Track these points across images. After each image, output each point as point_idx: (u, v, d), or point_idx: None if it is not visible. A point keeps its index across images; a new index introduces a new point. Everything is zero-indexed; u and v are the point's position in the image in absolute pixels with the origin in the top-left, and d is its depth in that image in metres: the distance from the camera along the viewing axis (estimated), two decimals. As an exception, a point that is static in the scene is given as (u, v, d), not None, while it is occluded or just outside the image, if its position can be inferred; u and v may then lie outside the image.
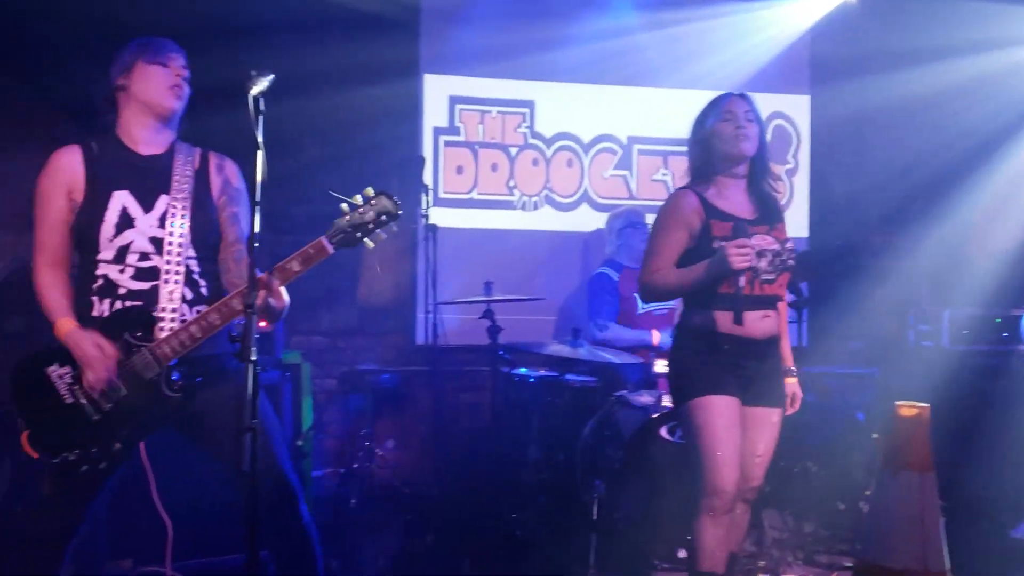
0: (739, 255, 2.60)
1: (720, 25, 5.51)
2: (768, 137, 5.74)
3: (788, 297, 3.62)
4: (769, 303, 2.83)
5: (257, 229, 2.09)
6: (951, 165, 5.91)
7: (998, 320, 4.71)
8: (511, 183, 5.38)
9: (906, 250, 5.64)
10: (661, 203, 2.97)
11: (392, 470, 4.75)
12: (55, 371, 2.36)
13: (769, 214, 2.91)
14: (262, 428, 2.15)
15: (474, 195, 5.32)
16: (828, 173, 5.84)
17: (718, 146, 2.88)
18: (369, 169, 5.12)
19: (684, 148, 3.05)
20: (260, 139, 2.08)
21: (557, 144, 5.44)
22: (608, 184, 5.52)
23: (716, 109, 2.93)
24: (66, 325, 2.35)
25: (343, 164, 5.04)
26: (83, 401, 2.34)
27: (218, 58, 4.73)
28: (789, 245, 2.84)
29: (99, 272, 2.42)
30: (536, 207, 5.43)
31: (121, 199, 2.43)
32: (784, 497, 4.03)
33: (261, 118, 2.09)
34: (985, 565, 3.84)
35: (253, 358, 2.00)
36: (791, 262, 2.80)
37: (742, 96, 2.94)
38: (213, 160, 2.60)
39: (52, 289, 2.41)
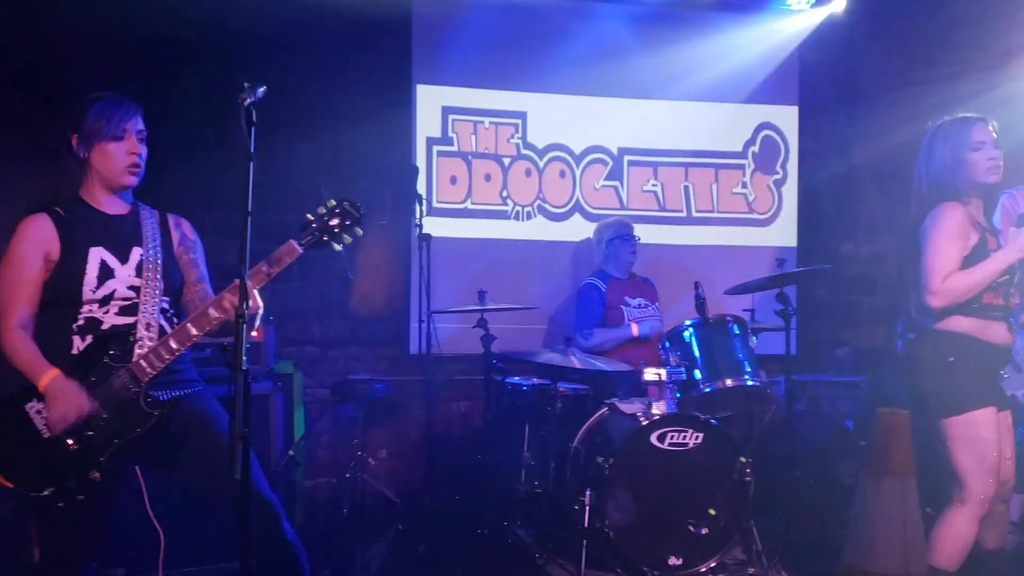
0: None
1: (710, 38, 5.58)
2: (757, 148, 5.87)
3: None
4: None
5: (248, 238, 2.12)
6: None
7: None
8: (504, 193, 5.41)
9: (894, 259, 5.68)
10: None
11: (384, 479, 4.76)
12: (33, 407, 2.43)
13: None
14: (214, 453, 2.32)
15: (468, 205, 5.36)
16: (816, 183, 5.89)
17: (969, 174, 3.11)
18: (362, 178, 5.16)
19: (674, 160, 3.14)
20: (252, 149, 2.10)
21: (549, 155, 5.48)
22: (600, 195, 5.56)
23: (965, 135, 3.12)
24: (51, 374, 2.40)
25: (336, 173, 5.08)
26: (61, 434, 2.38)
27: (211, 69, 4.82)
28: None
29: (82, 313, 2.52)
30: (529, 217, 5.46)
31: (98, 254, 2.55)
32: (774, 505, 4.05)
33: (253, 129, 2.11)
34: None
35: (244, 368, 2.03)
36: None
37: (985, 121, 3.13)
38: (171, 218, 2.77)
39: (25, 350, 2.44)
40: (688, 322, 4.19)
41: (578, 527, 3.66)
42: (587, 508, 3.64)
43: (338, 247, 2.46)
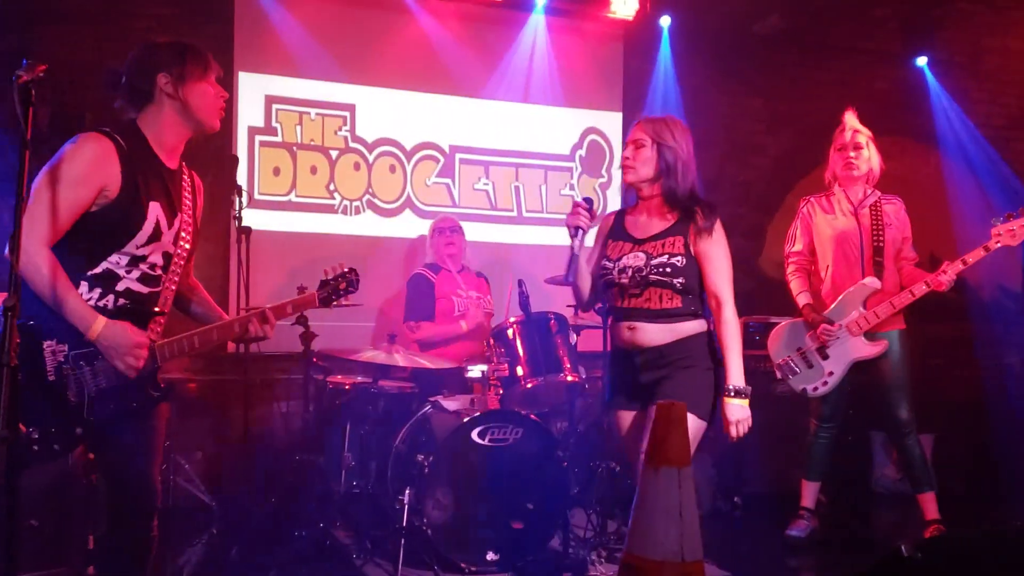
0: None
1: (539, 41, 5.68)
2: (584, 151, 6.02)
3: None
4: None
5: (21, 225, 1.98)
6: (754, 182, 6.37)
7: (750, 327, 5.10)
8: (331, 186, 5.31)
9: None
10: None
11: (199, 482, 4.58)
12: (51, 346, 2.31)
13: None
14: (152, 442, 2.48)
15: (292, 197, 5.21)
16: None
17: None
18: (179, 168, 4.92)
19: (505, 159, 3.16)
20: (28, 134, 1.95)
21: (379, 149, 5.42)
22: (431, 191, 5.55)
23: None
24: (100, 322, 2.30)
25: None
26: (68, 381, 2.31)
27: (11, 47, 4.47)
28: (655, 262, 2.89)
29: (104, 262, 2.37)
30: (358, 212, 5.38)
31: (156, 212, 2.42)
32: (589, 497, 4.17)
33: (32, 109, 1.96)
34: (759, 559, 4.22)
35: (14, 363, 1.95)
36: (652, 277, 2.89)
37: (645, 120, 3.05)
38: (197, 181, 2.68)
39: (68, 285, 2.28)
40: (512, 319, 4.24)
41: (396, 526, 3.64)
42: (406, 507, 3.62)
43: (329, 307, 2.79)
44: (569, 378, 4.14)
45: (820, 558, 4.28)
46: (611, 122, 6.01)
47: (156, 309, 2.46)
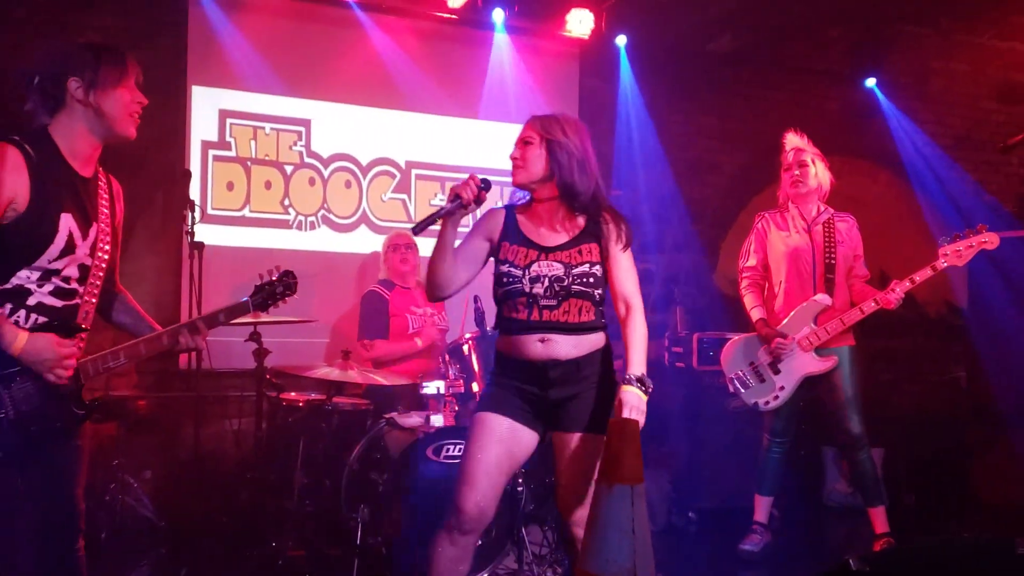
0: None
1: (495, 59, 5.70)
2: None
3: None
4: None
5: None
6: (709, 199, 6.45)
7: (704, 343, 5.16)
8: (286, 201, 5.26)
9: (662, 277, 6.05)
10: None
11: (148, 501, 4.48)
12: None
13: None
14: (77, 462, 2.40)
15: (246, 212, 5.16)
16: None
17: None
18: (131, 182, 4.81)
19: (462, 176, 2.91)
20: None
21: (335, 164, 5.39)
22: (387, 207, 5.53)
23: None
24: (22, 337, 2.22)
25: (101, 175, 4.74)
26: None
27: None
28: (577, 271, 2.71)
29: (14, 278, 2.27)
30: (313, 227, 5.33)
31: (68, 223, 2.30)
32: (544, 513, 4.16)
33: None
34: (713, 573, 4.27)
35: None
36: (575, 288, 2.70)
37: (535, 118, 2.87)
38: (115, 186, 2.55)
39: None
40: (467, 335, 4.23)
41: (351, 544, 3.59)
42: (360, 525, 3.58)
43: (265, 312, 2.63)
44: (525, 394, 4.12)
45: (773, 572, 4.32)
46: (568, 139, 6.03)
47: (76, 323, 2.36)
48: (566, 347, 2.69)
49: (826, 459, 5.53)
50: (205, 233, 4.55)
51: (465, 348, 4.20)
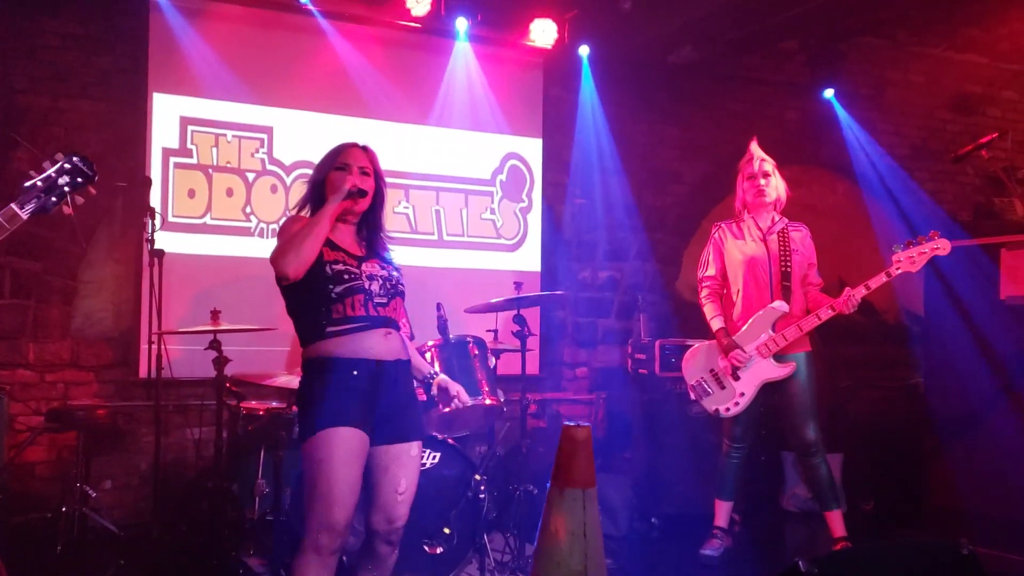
0: None
1: (459, 67, 5.72)
2: (504, 176, 6.08)
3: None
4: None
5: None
6: (671, 208, 6.51)
7: (666, 349, 5.22)
8: (248, 209, 5.23)
9: (625, 285, 6.11)
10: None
11: (107, 512, 4.43)
12: None
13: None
14: None
15: (207, 220, 5.12)
16: (559, 212, 6.20)
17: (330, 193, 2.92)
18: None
19: (425, 183, 3.08)
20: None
21: (297, 171, 5.37)
22: (350, 214, 5.51)
23: (333, 158, 3.03)
24: None
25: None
26: None
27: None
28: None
29: None
30: (275, 235, 5.29)
31: None
32: (507, 521, 4.18)
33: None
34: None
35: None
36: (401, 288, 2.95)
37: (364, 148, 3.07)
38: None
39: None
40: (430, 343, 4.23)
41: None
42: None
43: (69, 210, 2.11)
44: (488, 401, 4.14)
45: (733, 576, 4.37)
46: (531, 148, 6.08)
47: None
48: (400, 344, 2.92)
49: (786, 464, 5.60)
50: (166, 241, 4.52)
51: (428, 356, 4.20)
